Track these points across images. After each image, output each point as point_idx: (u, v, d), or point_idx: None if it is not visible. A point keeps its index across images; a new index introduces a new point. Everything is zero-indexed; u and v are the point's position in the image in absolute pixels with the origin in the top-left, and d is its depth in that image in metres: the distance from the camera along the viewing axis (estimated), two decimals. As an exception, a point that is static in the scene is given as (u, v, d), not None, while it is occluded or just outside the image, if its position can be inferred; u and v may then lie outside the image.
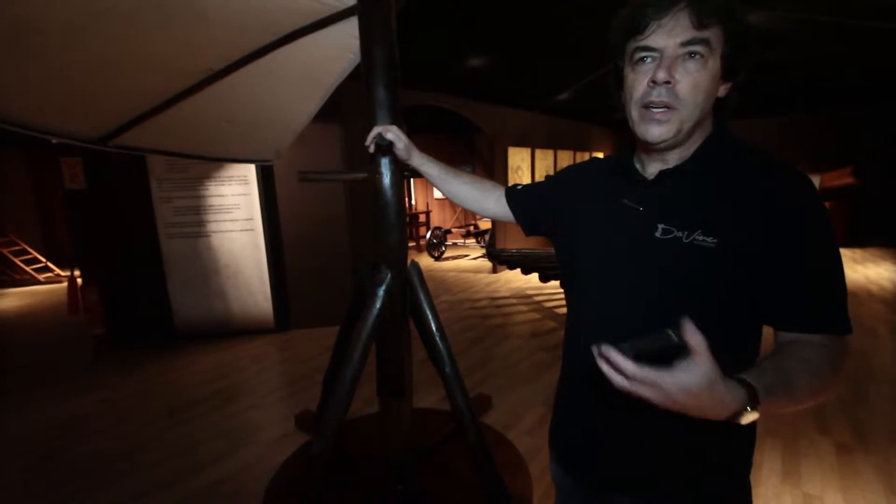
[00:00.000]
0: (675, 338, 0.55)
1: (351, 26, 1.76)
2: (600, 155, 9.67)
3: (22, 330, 5.23)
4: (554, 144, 8.29)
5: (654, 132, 0.73)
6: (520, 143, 7.29)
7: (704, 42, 0.68)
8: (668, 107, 0.71)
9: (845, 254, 7.08)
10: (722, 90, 0.75)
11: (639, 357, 0.55)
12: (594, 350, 0.58)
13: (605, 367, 0.57)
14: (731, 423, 0.60)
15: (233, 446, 2.62)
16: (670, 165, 0.79)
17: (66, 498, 2.24)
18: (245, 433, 2.76)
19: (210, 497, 2.20)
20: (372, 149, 1.32)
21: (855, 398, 2.86)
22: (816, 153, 8.44)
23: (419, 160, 1.27)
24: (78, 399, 3.30)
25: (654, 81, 0.71)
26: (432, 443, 2.42)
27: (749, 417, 0.59)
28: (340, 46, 1.92)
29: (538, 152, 7.79)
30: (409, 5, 2.81)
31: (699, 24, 0.67)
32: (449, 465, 2.32)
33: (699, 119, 0.73)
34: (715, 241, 0.70)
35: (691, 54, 0.69)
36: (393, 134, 1.24)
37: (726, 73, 0.72)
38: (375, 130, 1.27)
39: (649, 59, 0.72)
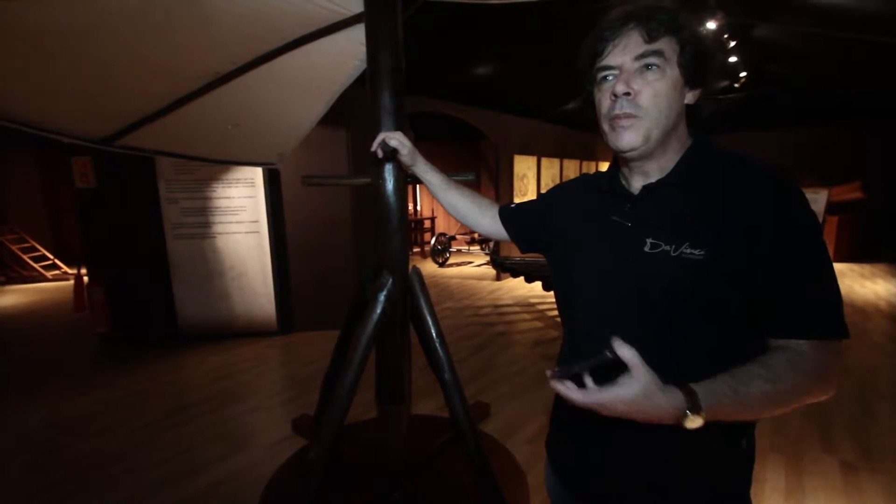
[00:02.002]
0: (609, 355, 0.61)
1: (358, 33, 1.78)
2: (605, 164, 9.65)
3: (27, 326, 5.27)
4: (560, 153, 8.29)
5: (623, 140, 0.76)
6: (525, 151, 7.30)
7: (657, 53, 0.73)
8: (631, 116, 0.74)
9: (854, 269, 7.00)
10: (690, 97, 0.77)
11: (584, 373, 0.65)
12: (547, 373, 0.67)
13: (559, 388, 0.65)
14: (680, 426, 0.63)
15: (231, 449, 2.62)
16: (652, 179, 0.80)
17: (64, 496, 2.24)
18: (244, 436, 2.76)
19: (207, 499, 2.19)
20: (380, 154, 1.33)
21: (862, 416, 2.81)
22: (825, 167, 8.38)
23: (423, 168, 1.28)
24: (80, 397, 3.32)
25: (615, 94, 0.75)
26: (430, 450, 2.41)
27: (693, 422, 0.62)
28: (347, 53, 1.93)
29: (544, 160, 7.79)
30: (417, 13, 2.84)
31: (649, 38, 0.73)
32: (446, 472, 2.30)
33: (667, 127, 0.75)
34: (703, 252, 0.70)
35: (647, 66, 0.73)
36: (397, 141, 1.25)
37: (689, 80, 0.75)
38: (381, 136, 1.27)
39: (611, 77, 0.77)
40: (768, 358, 0.68)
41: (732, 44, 4.47)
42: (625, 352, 0.60)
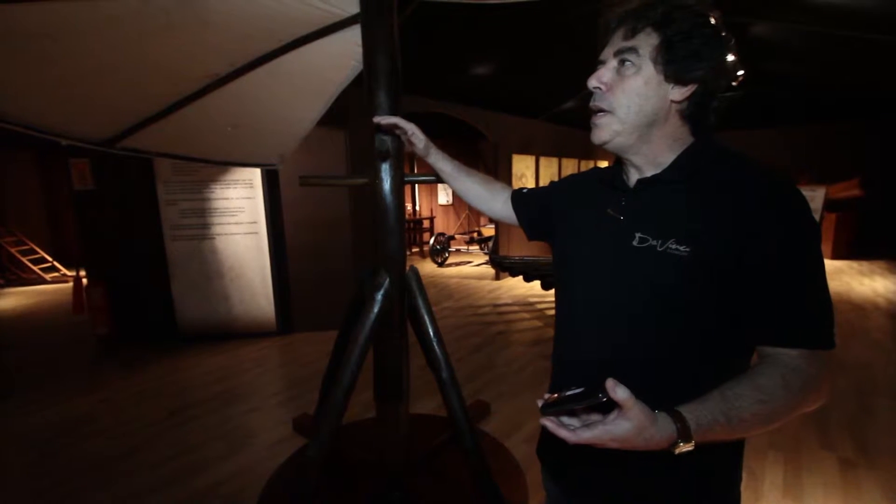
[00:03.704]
0: (602, 398, 0.59)
1: (354, 34, 1.78)
2: (604, 163, 9.65)
3: (27, 329, 5.27)
4: (558, 152, 8.30)
5: (594, 134, 0.80)
6: (524, 151, 7.30)
7: (631, 50, 0.74)
8: (603, 111, 0.78)
9: (852, 266, 7.01)
10: (676, 94, 0.74)
11: (577, 407, 0.64)
12: (538, 403, 0.66)
13: (549, 426, 0.64)
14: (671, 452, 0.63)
15: (231, 448, 2.62)
16: (647, 175, 0.80)
17: (65, 497, 2.24)
18: (244, 436, 2.76)
19: (207, 499, 2.20)
20: (383, 123, 1.30)
21: (860, 413, 2.82)
22: (823, 164, 8.39)
23: (435, 156, 1.29)
24: (79, 399, 3.32)
25: (588, 88, 0.79)
26: (429, 449, 2.41)
27: (683, 449, 0.62)
28: (344, 54, 1.94)
29: (542, 160, 7.80)
30: (415, 13, 2.84)
31: (629, 35, 0.75)
32: (445, 471, 2.31)
33: (639, 123, 0.76)
34: (687, 249, 0.70)
35: (621, 62, 0.76)
36: (413, 129, 1.25)
37: (671, 76, 0.73)
38: (394, 119, 1.27)
39: None
40: (760, 376, 0.67)
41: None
42: (618, 394, 0.58)
